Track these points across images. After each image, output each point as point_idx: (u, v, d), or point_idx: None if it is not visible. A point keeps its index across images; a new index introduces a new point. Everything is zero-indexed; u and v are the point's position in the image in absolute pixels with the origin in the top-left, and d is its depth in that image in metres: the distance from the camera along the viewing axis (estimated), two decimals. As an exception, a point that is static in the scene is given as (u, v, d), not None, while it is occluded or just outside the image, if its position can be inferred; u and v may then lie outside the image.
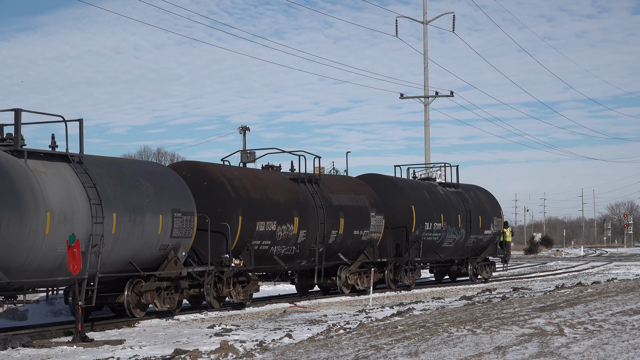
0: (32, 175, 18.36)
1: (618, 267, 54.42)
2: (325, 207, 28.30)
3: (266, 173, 27.59)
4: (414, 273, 33.65)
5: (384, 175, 33.76)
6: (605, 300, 24.13)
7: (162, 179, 22.40)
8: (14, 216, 17.54)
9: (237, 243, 24.57)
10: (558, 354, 13.37)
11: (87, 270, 19.14)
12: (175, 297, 22.51)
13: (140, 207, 21.00)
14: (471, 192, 38.64)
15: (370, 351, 14.14)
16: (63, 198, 18.78)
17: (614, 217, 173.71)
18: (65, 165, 19.44)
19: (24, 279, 18.14)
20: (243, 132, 67.02)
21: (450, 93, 55.58)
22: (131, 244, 20.74)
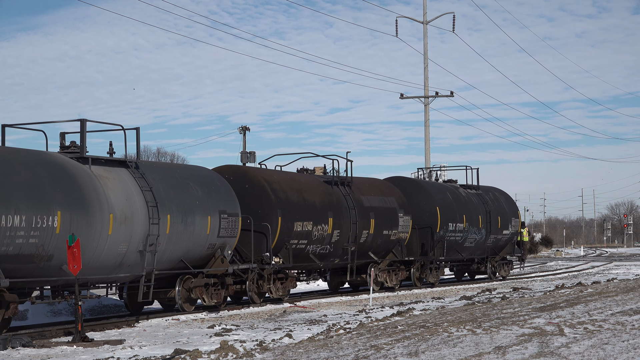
0: (96, 180, 20.09)
1: (618, 267, 54.42)
2: (357, 208, 29.96)
3: (302, 176, 29.22)
4: (438, 271, 35.43)
5: (410, 178, 35.90)
6: (605, 300, 24.13)
7: (209, 182, 24.08)
8: (81, 218, 19.21)
9: (277, 242, 26.19)
10: (558, 354, 13.37)
11: (145, 268, 21.04)
12: (221, 292, 24.06)
13: (191, 209, 22.73)
14: (490, 194, 40.33)
15: (370, 351, 14.14)
16: (124, 201, 20.50)
17: (614, 217, 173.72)
18: (124, 170, 21.17)
19: (89, 275, 19.71)
20: (243, 132, 67.00)
21: (450, 93, 55.58)
22: (183, 243, 22.43)
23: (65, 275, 18.86)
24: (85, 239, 19.20)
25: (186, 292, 23.11)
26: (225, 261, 23.93)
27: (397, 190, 33.27)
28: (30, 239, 18.11)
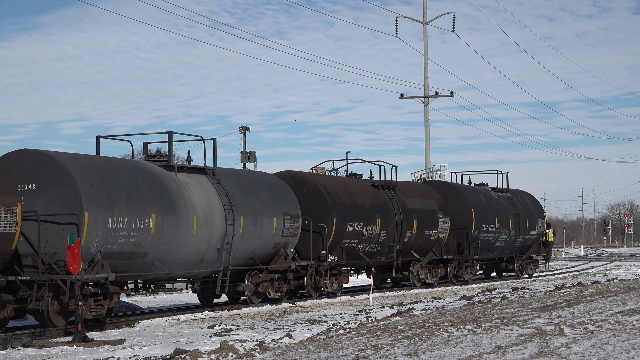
0: (182, 186, 22.70)
1: (618, 267, 54.42)
2: (402, 210, 32.68)
3: (352, 180, 31.93)
4: (472, 269, 37.92)
5: (446, 182, 38.92)
6: (605, 300, 24.13)
7: (274, 187, 26.86)
8: (171, 220, 21.82)
9: (332, 241, 28.76)
10: (558, 354, 13.37)
11: (222, 264, 23.85)
12: (284, 286, 26.90)
13: (260, 211, 25.44)
14: (519, 197, 43.08)
15: (370, 351, 14.14)
16: (205, 204, 23.17)
17: (614, 217, 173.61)
18: (203, 177, 23.91)
19: (176, 270, 22.55)
20: (243, 132, 66.99)
21: (451, 93, 55.58)
22: (253, 242, 25.23)
23: (157, 270, 21.73)
24: (174, 238, 22.00)
25: (254, 286, 25.77)
26: (287, 258, 26.61)
27: (436, 193, 35.82)
28: (130, 238, 20.64)
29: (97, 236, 19.75)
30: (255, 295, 25.97)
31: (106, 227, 19.93)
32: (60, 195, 19.49)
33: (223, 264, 23.94)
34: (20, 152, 20.28)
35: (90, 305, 19.75)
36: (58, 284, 18.90)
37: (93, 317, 19.82)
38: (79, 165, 20.25)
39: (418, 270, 34.37)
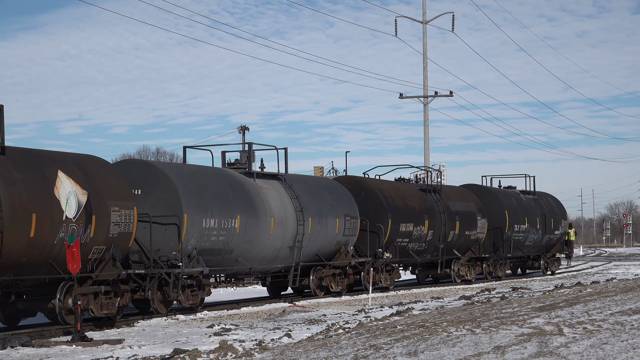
0: (260, 190, 25.80)
1: (617, 267, 54.43)
2: (446, 212, 35.81)
3: (402, 185, 35.27)
4: (505, 267, 41.08)
5: (482, 186, 41.86)
6: (604, 300, 24.14)
7: (335, 190, 30.04)
8: (253, 220, 24.92)
9: (387, 240, 31.84)
10: (557, 354, 13.38)
11: (294, 260, 27.12)
12: (344, 281, 30.00)
13: (325, 213, 28.56)
14: (544, 198, 46.22)
15: (370, 351, 14.14)
16: (280, 207, 26.32)
17: (613, 217, 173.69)
18: (277, 182, 27.09)
19: (255, 265, 25.73)
20: (242, 132, 67.04)
21: (450, 93, 55.58)
22: (319, 240, 28.38)
23: (240, 265, 24.89)
24: (255, 236, 25.05)
25: (318, 280, 28.84)
26: (348, 255, 29.91)
27: (474, 196, 39.08)
28: (220, 237, 23.68)
29: (194, 235, 22.73)
30: (319, 288, 29.00)
31: (201, 227, 22.92)
32: (162, 199, 22.43)
33: (295, 260, 27.25)
34: (127, 162, 23.87)
35: (187, 295, 22.89)
36: (162, 277, 21.85)
37: (190, 305, 23.01)
38: (177, 173, 23.22)
39: (459, 268, 37.48)
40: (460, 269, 37.53)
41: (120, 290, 20.63)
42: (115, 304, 20.46)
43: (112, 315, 20.48)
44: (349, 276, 30.33)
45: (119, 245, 20.33)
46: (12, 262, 17.82)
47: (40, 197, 18.29)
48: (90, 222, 19.48)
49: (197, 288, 23.17)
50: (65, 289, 19.23)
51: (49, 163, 19.07)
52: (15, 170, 18.07)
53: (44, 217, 18.30)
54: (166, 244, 22.20)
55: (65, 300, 19.15)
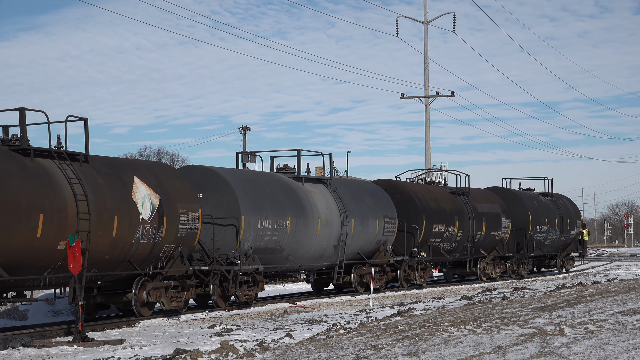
0: (308, 194, 27.77)
1: (618, 267, 54.39)
2: (474, 213, 37.87)
3: (434, 187, 37.31)
4: (527, 265, 43.19)
5: (507, 188, 43.85)
6: (605, 300, 24.12)
7: (375, 193, 31.92)
8: (302, 221, 26.85)
9: (422, 240, 33.79)
10: (558, 354, 13.37)
11: (338, 258, 29.06)
12: (383, 278, 31.99)
13: (366, 214, 30.43)
14: (561, 200, 48.29)
15: (371, 351, 14.14)
16: (326, 209, 28.29)
17: (614, 217, 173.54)
18: (322, 186, 29.07)
19: (303, 263, 27.68)
20: (243, 132, 67.06)
21: (451, 93, 55.55)
22: (360, 240, 30.25)
23: (290, 263, 26.88)
24: (304, 236, 27.00)
25: (358, 277, 30.70)
26: (387, 254, 31.75)
27: (499, 199, 41.12)
28: (273, 237, 25.59)
29: (250, 235, 24.67)
30: (360, 284, 30.94)
31: (256, 228, 24.89)
32: (222, 202, 24.34)
33: (339, 258, 29.20)
34: (189, 168, 25.70)
35: (244, 291, 24.87)
36: (222, 273, 23.92)
37: (246, 300, 24.92)
38: (235, 178, 25.11)
39: (484, 266, 39.35)
40: (485, 267, 39.44)
41: (187, 285, 22.60)
42: (182, 297, 22.43)
43: (180, 307, 22.46)
44: (387, 273, 32.34)
45: (186, 244, 22.22)
46: (96, 259, 19.65)
47: (120, 201, 20.17)
48: (162, 223, 21.40)
49: (252, 284, 25.20)
50: (140, 284, 21.25)
51: (126, 170, 21.03)
52: (99, 176, 20.00)
53: (124, 218, 20.19)
54: (225, 243, 24.24)
55: (139, 294, 21.23)
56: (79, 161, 19.81)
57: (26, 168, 18.34)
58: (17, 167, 18.13)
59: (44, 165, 18.86)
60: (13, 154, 18.48)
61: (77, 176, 19.21)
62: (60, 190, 18.70)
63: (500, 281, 39.39)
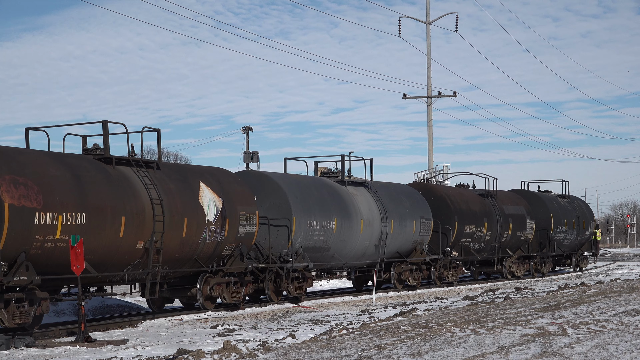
0: (351, 196, 29.90)
1: (621, 267, 54.36)
2: (501, 215, 40.20)
3: (465, 190, 39.41)
4: (549, 264, 45.65)
5: (530, 191, 46.17)
6: (608, 300, 24.11)
7: (411, 195, 34.11)
8: (346, 222, 29.00)
9: (454, 240, 35.97)
10: (561, 354, 13.37)
11: (379, 257, 31.21)
12: (419, 275, 34.14)
13: (404, 215, 32.57)
14: (576, 202, 50.90)
15: (373, 351, 14.14)
16: (367, 210, 30.36)
17: (617, 217, 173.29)
18: (364, 189, 31.22)
19: (347, 261, 29.94)
20: (246, 132, 67.06)
21: (454, 93, 55.54)
22: (399, 240, 32.42)
23: (335, 261, 29.15)
24: (348, 236, 29.10)
25: (397, 275, 32.92)
26: (423, 253, 33.93)
27: (524, 201, 43.40)
28: (320, 236, 27.76)
29: (300, 235, 26.75)
30: (398, 281, 33.10)
31: (306, 228, 26.99)
32: (275, 204, 26.40)
33: (379, 256, 31.30)
34: (244, 172, 28.10)
35: (295, 286, 26.94)
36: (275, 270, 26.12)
37: (296, 295, 27.05)
38: (286, 182, 27.22)
39: (510, 265, 41.59)
40: (511, 265, 41.67)
41: (245, 281, 24.73)
42: (241, 292, 24.60)
43: (239, 301, 24.48)
44: (423, 271, 34.47)
45: (245, 243, 24.45)
46: (168, 257, 21.69)
47: (188, 204, 22.20)
48: (225, 224, 23.47)
49: (302, 280, 27.29)
50: (204, 280, 23.39)
51: (192, 175, 23.12)
52: (170, 182, 22.01)
53: (192, 220, 22.22)
54: (278, 242, 26.35)
55: (204, 289, 23.43)
56: (153, 168, 21.84)
57: (109, 175, 20.34)
58: (102, 175, 20.11)
59: (124, 172, 20.86)
60: (98, 163, 20.47)
61: (152, 182, 21.20)
62: (139, 195, 20.72)
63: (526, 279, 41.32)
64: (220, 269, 23.79)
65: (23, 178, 17.86)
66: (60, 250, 18.34)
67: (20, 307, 18.01)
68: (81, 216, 18.90)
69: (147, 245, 20.78)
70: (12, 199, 17.44)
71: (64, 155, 20.10)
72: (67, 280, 19.63)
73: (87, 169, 19.82)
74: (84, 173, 19.60)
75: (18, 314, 17.96)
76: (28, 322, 18.14)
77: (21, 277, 17.57)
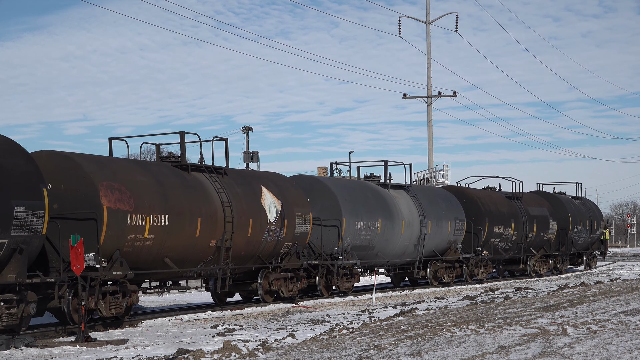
0: (393, 199, 32.31)
1: (621, 267, 54.39)
2: (527, 216, 42.54)
3: (493, 193, 42.08)
4: (566, 262, 48.11)
5: (552, 193, 48.86)
6: (608, 300, 24.11)
7: (447, 198, 36.65)
8: (389, 223, 31.35)
9: (484, 240, 38.43)
10: (561, 354, 13.36)
11: (417, 255, 33.73)
12: (453, 273, 36.41)
13: (440, 217, 34.95)
14: (588, 203, 53.67)
15: (374, 351, 14.14)
16: (408, 212, 32.84)
17: (617, 217, 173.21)
18: (404, 192, 33.75)
19: (389, 259, 32.19)
20: (246, 132, 67.04)
21: (454, 93, 55.55)
22: (435, 239, 34.78)
23: (379, 259, 31.36)
24: (391, 236, 31.48)
25: (433, 272, 35.28)
26: (457, 252, 36.33)
27: (546, 202, 46.00)
28: (366, 236, 30.08)
29: (349, 234, 29.14)
30: (434, 278, 35.37)
31: (354, 228, 29.34)
32: (326, 206, 28.81)
33: (418, 255, 33.76)
34: (298, 177, 29.97)
35: (344, 282, 29.21)
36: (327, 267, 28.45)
37: (345, 290, 29.34)
38: (336, 185, 29.73)
39: (533, 263, 44.06)
40: (534, 264, 44.16)
41: (299, 276, 27.02)
42: (297, 287, 26.81)
43: (294, 295, 26.75)
44: (457, 269, 36.72)
45: (300, 242, 26.89)
46: (236, 255, 23.99)
47: (253, 206, 24.60)
48: (284, 225, 25.87)
49: (350, 276, 29.60)
50: (264, 275, 25.72)
51: (255, 180, 25.57)
52: (237, 186, 24.38)
53: (256, 221, 24.65)
54: (329, 241, 28.76)
55: (264, 283, 25.74)
56: (222, 174, 24.17)
57: (186, 181, 22.67)
58: (181, 180, 22.46)
59: (198, 178, 23.20)
60: (176, 169, 22.83)
61: (222, 187, 23.57)
62: (212, 199, 23.07)
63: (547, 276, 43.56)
64: (278, 265, 26.07)
65: (117, 184, 20.10)
66: (147, 248, 20.82)
67: (115, 299, 20.17)
68: (165, 218, 21.28)
69: (219, 244, 23.14)
70: (110, 203, 19.66)
71: (147, 163, 22.75)
72: (152, 275, 21.97)
73: (168, 175, 22.18)
74: (166, 179, 21.92)
75: (114, 305, 20.13)
76: (121, 312, 20.35)
77: (117, 271, 19.88)
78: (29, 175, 17.76)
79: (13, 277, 17.18)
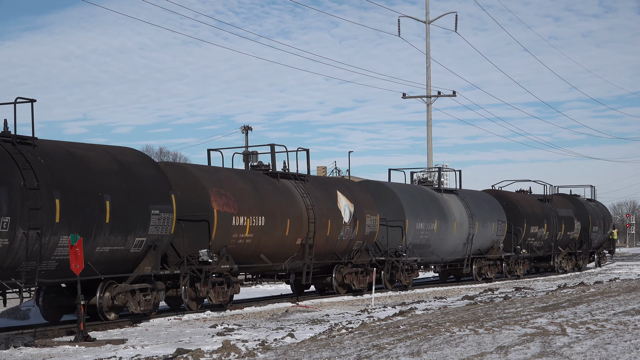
0: (446, 202, 35.72)
1: (620, 267, 54.41)
2: (556, 217, 46.42)
3: (527, 196, 45.89)
4: (586, 260, 52.18)
5: (575, 196, 52.93)
6: (607, 300, 24.11)
7: (490, 201, 40.33)
8: (443, 224, 34.67)
9: (522, 239, 42.12)
10: (560, 354, 13.36)
11: (466, 253, 37.10)
12: (494, 270, 39.83)
13: (485, 218, 38.64)
14: (600, 205, 57.50)
15: (373, 351, 14.14)
16: (458, 214, 36.24)
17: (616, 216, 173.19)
18: (455, 196, 37.26)
19: (442, 257, 35.65)
20: (245, 132, 67.05)
21: (453, 93, 55.54)
22: (481, 239, 38.33)
23: (434, 256, 34.74)
24: (444, 235, 34.79)
25: (477, 269, 38.53)
26: (499, 250, 39.86)
27: (571, 204, 50.13)
28: (425, 236, 33.53)
29: (411, 234, 32.51)
30: (478, 275, 38.56)
31: (415, 228, 32.73)
32: (391, 209, 32.19)
33: (467, 253, 37.11)
34: (365, 182, 33.88)
35: (405, 276, 32.47)
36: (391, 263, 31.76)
37: (405, 284, 32.65)
38: (399, 190, 33.14)
39: (560, 260, 47.73)
40: (561, 261, 47.85)
41: (368, 271, 30.11)
42: (366, 280, 29.97)
43: (364, 288, 29.86)
44: (498, 266, 40.15)
45: (369, 240, 30.39)
46: (317, 251, 27.45)
47: (330, 209, 28.07)
48: (356, 225, 29.35)
49: (410, 271, 32.87)
50: (338, 270, 29.08)
51: (331, 186, 29.19)
52: (317, 191, 27.93)
53: (333, 222, 28.12)
54: (393, 240, 32.09)
55: (338, 277, 29.09)
56: (304, 180, 27.63)
57: (277, 187, 26.20)
58: (272, 187, 25.98)
59: (285, 184, 26.75)
60: (267, 177, 26.41)
61: (306, 192, 27.11)
62: (298, 202, 26.59)
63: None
64: (350, 261, 29.48)
65: (224, 190, 23.57)
66: (247, 246, 24.34)
67: (222, 288, 23.73)
68: (261, 219, 24.69)
69: (304, 242, 26.72)
70: (218, 206, 23.14)
71: (244, 172, 26.32)
72: (249, 269, 25.77)
73: (261, 182, 25.70)
74: (260, 185, 25.44)
75: (221, 294, 23.70)
76: (227, 300, 23.89)
77: (225, 265, 23.46)
78: (160, 183, 21.17)
79: (149, 269, 20.79)
